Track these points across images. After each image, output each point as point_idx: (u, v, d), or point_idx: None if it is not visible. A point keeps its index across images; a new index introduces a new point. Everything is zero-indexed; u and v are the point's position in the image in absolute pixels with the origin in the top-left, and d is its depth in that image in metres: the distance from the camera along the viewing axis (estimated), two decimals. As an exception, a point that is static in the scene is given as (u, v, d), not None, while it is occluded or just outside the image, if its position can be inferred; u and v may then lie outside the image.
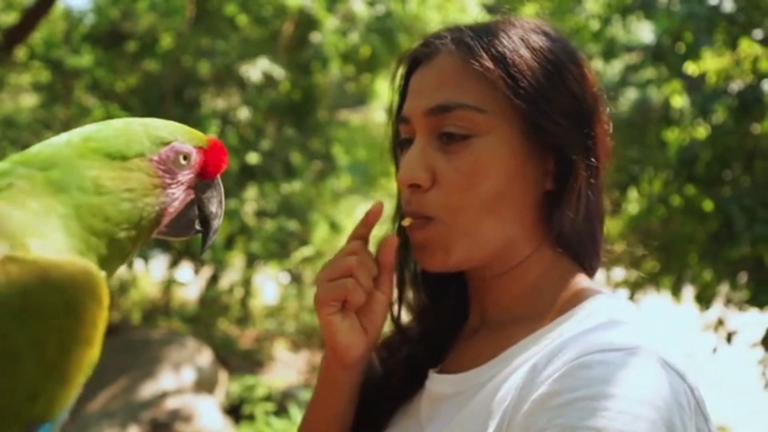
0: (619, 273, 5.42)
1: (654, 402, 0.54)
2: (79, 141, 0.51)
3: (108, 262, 0.50)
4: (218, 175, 0.59)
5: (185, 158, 0.55)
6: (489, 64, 0.68)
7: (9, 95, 7.35)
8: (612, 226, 5.35)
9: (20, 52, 6.08)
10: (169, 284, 6.32)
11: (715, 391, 6.62)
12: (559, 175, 0.70)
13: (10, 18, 6.15)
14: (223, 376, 4.30)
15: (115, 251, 0.51)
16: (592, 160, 0.71)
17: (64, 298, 0.42)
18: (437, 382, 0.73)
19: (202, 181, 0.57)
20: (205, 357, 4.11)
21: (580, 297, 0.69)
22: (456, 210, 0.69)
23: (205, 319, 6.27)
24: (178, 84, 6.26)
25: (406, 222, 0.72)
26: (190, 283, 6.89)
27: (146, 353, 3.96)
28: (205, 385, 3.93)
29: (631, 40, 5.85)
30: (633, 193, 4.90)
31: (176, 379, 3.81)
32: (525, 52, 0.69)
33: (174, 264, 6.41)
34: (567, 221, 0.70)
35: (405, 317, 0.83)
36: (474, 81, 0.69)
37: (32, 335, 0.41)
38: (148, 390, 3.68)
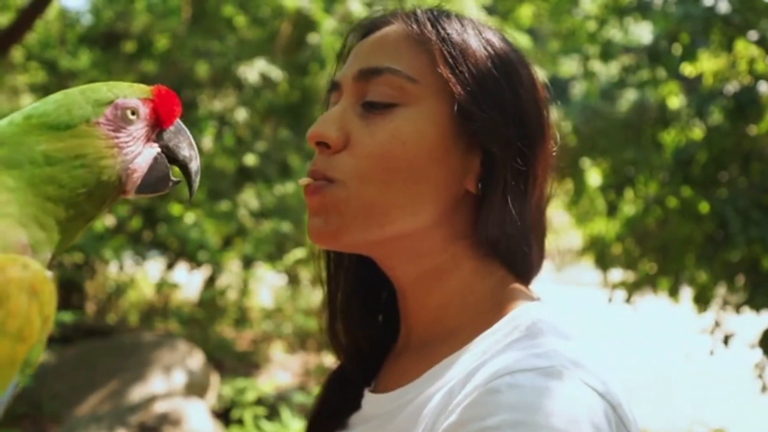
0: (616, 274, 5.41)
1: (565, 428, 0.51)
2: (21, 120, 0.51)
3: (71, 227, 0.51)
4: (177, 120, 0.58)
5: (133, 113, 0.54)
6: (432, 36, 0.66)
7: (6, 96, 7.36)
8: (609, 227, 5.33)
9: (17, 53, 6.08)
10: (161, 286, 6.30)
11: (713, 392, 6.58)
12: (484, 177, 0.66)
13: (4, 18, 6.15)
14: (215, 379, 4.28)
15: (78, 216, 0.51)
16: (524, 167, 0.66)
17: None
18: (367, 402, 0.71)
19: (162, 130, 0.57)
20: (197, 360, 4.09)
21: (506, 308, 0.66)
22: (362, 177, 0.64)
23: (201, 321, 6.26)
24: (174, 85, 6.23)
25: (303, 181, 0.67)
26: (184, 284, 6.88)
27: (137, 356, 3.94)
28: (196, 388, 3.91)
29: (631, 41, 5.82)
30: (629, 195, 4.88)
31: (166, 382, 3.79)
32: (474, 40, 0.67)
33: (170, 265, 6.40)
34: (489, 228, 0.65)
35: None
36: (412, 50, 0.66)
37: None
38: (137, 393, 3.67)
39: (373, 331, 0.77)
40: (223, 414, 3.99)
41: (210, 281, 6.66)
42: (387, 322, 0.76)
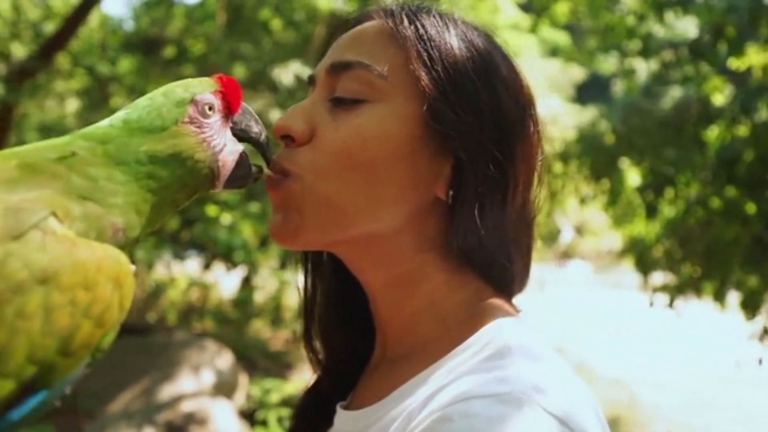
0: (658, 277, 5.22)
1: None
2: (121, 124, 0.55)
3: (163, 212, 0.56)
4: (242, 104, 0.61)
5: (210, 107, 0.58)
6: (409, 33, 0.63)
7: (55, 102, 7.67)
8: (649, 228, 5.14)
9: (62, 60, 6.31)
10: (192, 285, 6.43)
11: (763, 402, 6.27)
12: (456, 184, 0.63)
13: (50, 26, 6.39)
14: (244, 379, 4.33)
15: (171, 204, 0.56)
16: (500, 174, 0.63)
17: (83, 274, 0.45)
18: (339, 418, 0.69)
19: (231, 116, 0.60)
20: (226, 359, 4.15)
21: (478, 323, 0.62)
22: (319, 172, 0.62)
23: (236, 320, 6.35)
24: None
25: (265, 173, 0.65)
26: (222, 284, 7.00)
27: (167, 355, 4.02)
28: (224, 388, 3.96)
29: (676, 35, 5.60)
30: (669, 195, 4.69)
31: (195, 381, 3.85)
32: (453, 39, 0.64)
33: (207, 266, 6.53)
34: (460, 238, 0.62)
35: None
36: (387, 46, 0.64)
37: (45, 301, 0.43)
38: (166, 392, 3.74)
39: (350, 341, 0.74)
40: (251, 414, 4.02)
41: (246, 281, 6.76)
42: (366, 333, 0.73)
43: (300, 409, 0.75)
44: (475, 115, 0.62)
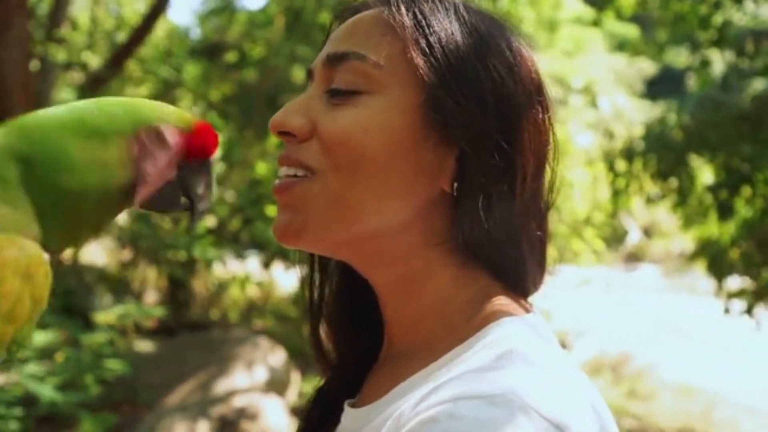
0: (734, 282, 4.90)
1: None
2: (65, 113, 0.53)
3: (74, 232, 0.53)
4: (207, 159, 0.59)
5: (162, 138, 0.56)
6: (406, 21, 0.61)
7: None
8: (723, 230, 4.82)
9: (132, 67, 6.64)
10: (243, 282, 6.59)
11: None
12: (460, 176, 0.60)
13: (121, 36, 6.73)
14: (296, 377, 4.39)
15: (82, 221, 0.53)
16: (506, 163, 0.60)
17: None
18: (345, 416, 0.67)
19: (187, 163, 0.58)
20: (279, 357, 4.22)
21: (483, 322, 0.60)
22: (335, 165, 0.60)
23: (295, 318, 6.46)
24: (271, 91, 6.52)
25: (276, 182, 0.64)
26: (276, 282, 7.14)
27: (222, 351, 4.13)
28: (276, 385, 4.03)
29: (759, 24, 5.23)
30: (746, 194, 4.37)
31: (248, 377, 3.94)
32: (454, 24, 0.61)
33: (266, 264, 6.68)
34: (465, 232, 0.60)
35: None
36: (383, 35, 0.62)
37: None
38: (220, 387, 3.85)
39: (360, 340, 0.73)
40: (302, 412, 4.05)
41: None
42: (375, 330, 0.72)
43: (309, 410, 0.74)
44: (476, 103, 0.60)
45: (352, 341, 0.72)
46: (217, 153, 0.61)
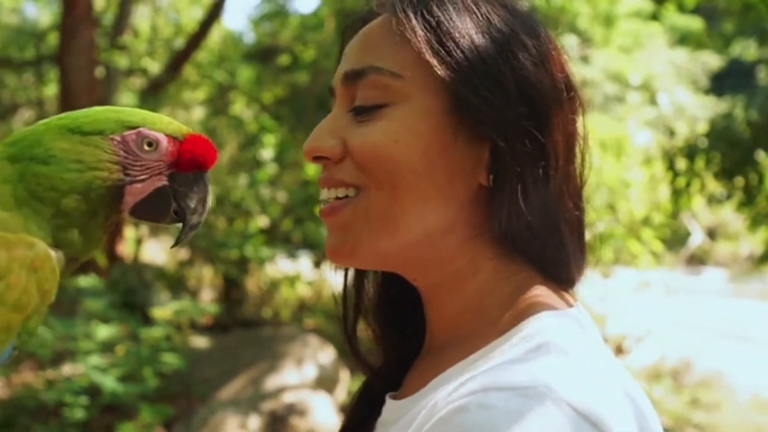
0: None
1: None
2: (56, 119, 0.55)
3: (65, 234, 0.53)
4: (201, 172, 0.59)
5: (150, 144, 0.56)
6: (416, 25, 0.61)
7: (185, 110, 8.38)
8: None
9: (188, 71, 6.87)
10: (292, 281, 6.67)
11: None
12: (495, 168, 0.60)
13: (179, 42, 6.96)
14: (345, 375, 4.42)
15: (69, 222, 0.53)
16: (538, 149, 0.60)
17: None
18: (386, 407, 0.69)
19: (180, 173, 0.58)
20: (328, 355, 4.26)
21: (522, 315, 0.59)
22: (374, 182, 0.61)
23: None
24: (322, 93, 6.60)
25: (322, 205, 0.65)
26: (327, 282, 7.21)
27: (273, 348, 4.21)
28: (325, 382, 4.07)
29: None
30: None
31: (298, 374, 4.00)
32: (465, 20, 0.61)
33: (317, 264, 6.76)
34: (504, 222, 0.59)
35: None
36: (396, 44, 0.62)
37: None
38: (271, 383, 3.92)
39: (401, 338, 0.74)
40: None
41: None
42: (415, 327, 0.73)
43: (353, 404, 0.76)
44: (500, 93, 0.60)
45: (395, 340, 0.73)
46: (213, 167, 0.59)
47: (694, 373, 6.43)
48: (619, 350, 6.33)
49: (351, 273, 0.73)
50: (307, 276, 6.85)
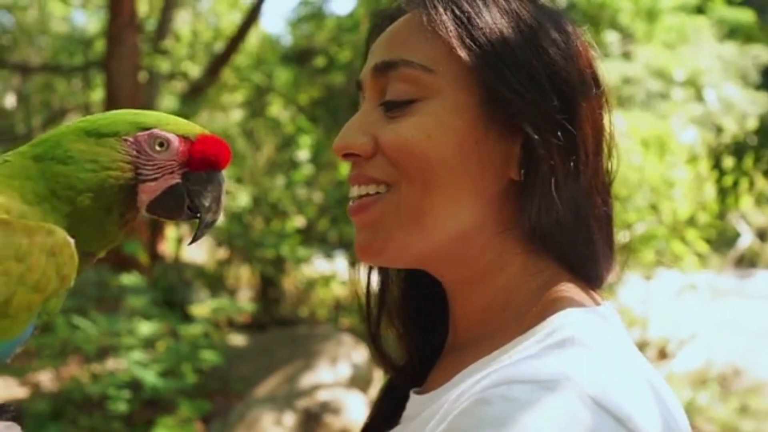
0: None
1: None
2: (77, 122, 0.58)
3: (80, 230, 0.56)
4: (214, 171, 0.60)
5: (161, 144, 0.58)
6: (446, 20, 0.61)
7: (224, 113, 8.56)
8: None
9: (226, 74, 7.01)
10: (327, 281, 6.72)
11: None
12: (527, 162, 0.60)
13: (218, 45, 7.11)
14: (378, 374, 4.43)
15: (84, 219, 0.56)
16: (569, 143, 0.60)
17: (15, 248, 0.50)
18: (410, 402, 0.69)
19: (193, 172, 0.59)
20: (361, 354, 4.28)
21: (549, 311, 0.59)
22: (406, 178, 0.61)
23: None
24: (356, 94, 6.63)
25: (351, 203, 0.65)
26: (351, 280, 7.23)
27: (308, 346, 4.26)
28: (359, 381, 4.09)
29: None
30: None
31: (333, 373, 4.03)
32: (494, 14, 0.61)
33: (353, 263, 6.80)
34: (534, 217, 0.59)
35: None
36: (427, 38, 0.62)
37: None
38: (306, 381, 3.96)
39: (425, 335, 0.74)
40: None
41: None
42: (438, 323, 0.73)
43: (378, 400, 0.76)
44: (532, 86, 0.60)
45: (418, 337, 0.73)
46: (228, 167, 0.60)
47: (743, 379, 6.19)
48: (662, 354, 6.15)
49: (374, 271, 0.73)
50: (342, 276, 6.90)
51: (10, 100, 10.43)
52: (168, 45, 6.66)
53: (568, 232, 0.60)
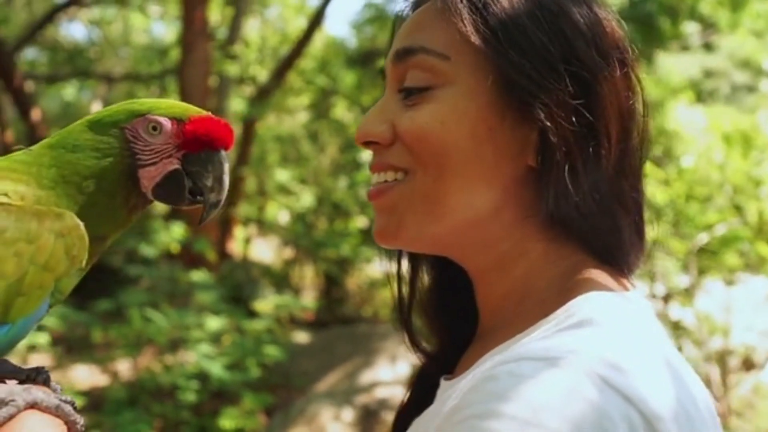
0: None
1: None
2: (87, 116, 0.63)
3: (88, 213, 0.59)
4: (213, 151, 0.60)
5: (154, 128, 0.60)
6: (460, 6, 0.62)
7: (290, 116, 8.79)
8: None
9: (292, 78, 7.18)
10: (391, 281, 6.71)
11: None
12: (543, 149, 0.59)
13: (284, 49, 7.29)
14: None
15: (91, 203, 0.59)
16: (587, 127, 0.58)
17: (26, 230, 0.54)
18: (439, 389, 0.70)
19: (191, 153, 0.60)
20: (421, 353, 4.26)
21: (571, 295, 0.57)
22: (421, 164, 0.61)
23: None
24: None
25: (371, 188, 0.66)
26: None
27: (368, 344, 4.29)
28: (418, 380, 4.07)
29: None
30: None
31: (391, 371, 4.05)
32: None
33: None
34: (552, 203, 0.58)
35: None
36: (444, 26, 0.62)
37: None
38: (365, 378, 3.99)
39: (455, 324, 0.74)
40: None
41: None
42: (468, 311, 0.73)
43: (410, 388, 0.77)
44: (548, 72, 0.59)
45: (449, 325, 0.73)
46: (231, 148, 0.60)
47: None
48: (747, 365, 5.76)
49: (405, 261, 0.74)
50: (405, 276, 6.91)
51: (96, 108, 11.15)
52: (237, 50, 6.91)
53: (590, 220, 0.59)
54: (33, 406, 0.50)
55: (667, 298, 4.92)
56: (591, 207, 0.58)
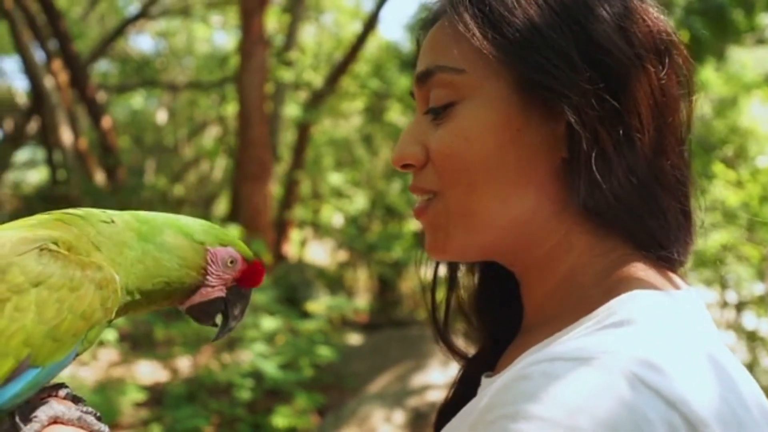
0: None
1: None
2: (172, 220, 0.69)
3: (140, 296, 0.65)
4: (250, 289, 0.70)
5: (232, 262, 0.68)
6: (467, 17, 0.62)
7: (345, 120, 8.89)
8: None
9: (347, 82, 7.27)
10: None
11: None
12: (571, 139, 0.58)
13: (338, 54, 7.39)
14: (492, 378, 4.33)
15: (148, 291, 0.66)
16: (615, 113, 0.57)
17: (69, 279, 0.57)
18: (480, 387, 0.70)
19: (237, 287, 0.69)
20: (473, 357, 4.20)
21: (614, 292, 0.56)
22: (448, 183, 0.63)
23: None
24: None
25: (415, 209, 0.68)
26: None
27: (419, 347, 4.27)
28: (470, 384, 4.02)
29: None
30: None
31: (443, 373, 4.00)
32: (521, 1, 0.60)
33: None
34: (583, 193, 0.57)
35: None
36: (455, 40, 0.63)
37: (37, 298, 0.56)
38: (416, 380, 3.97)
39: (498, 322, 0.74)
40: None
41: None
42: (512, 310, 0.73)
43: (453, 386, 0.77)
44: (563, 63, 0.59)
45: (492, 326, 0.73)
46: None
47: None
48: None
49: (441, 266, 0.74)
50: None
51: (162, 116, 11.66)
52: (293, 56, 7.05)
53: (629, 205, 0.57)
54: (56, 420, 0.53)
55: (740, 307, 4.66)
56: (628, 191, 0.56)
